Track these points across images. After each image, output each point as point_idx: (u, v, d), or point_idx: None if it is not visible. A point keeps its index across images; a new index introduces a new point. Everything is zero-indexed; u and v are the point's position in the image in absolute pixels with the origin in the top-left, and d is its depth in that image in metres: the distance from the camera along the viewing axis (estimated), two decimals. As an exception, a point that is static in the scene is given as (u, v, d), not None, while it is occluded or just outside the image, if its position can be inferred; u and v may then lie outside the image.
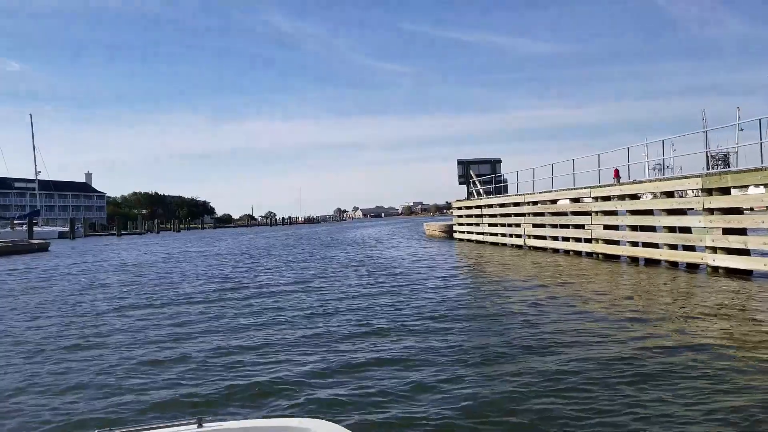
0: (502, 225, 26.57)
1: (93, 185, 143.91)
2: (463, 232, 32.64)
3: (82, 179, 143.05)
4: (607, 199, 17.91)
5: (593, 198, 18.29)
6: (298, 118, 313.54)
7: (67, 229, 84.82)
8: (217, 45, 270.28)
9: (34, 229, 77.43)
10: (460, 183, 33.69)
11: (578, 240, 19.61)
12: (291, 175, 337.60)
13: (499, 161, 33.39)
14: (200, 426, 2.73)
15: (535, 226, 23.01)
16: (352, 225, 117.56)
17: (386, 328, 8.57)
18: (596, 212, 18.15)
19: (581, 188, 19.43)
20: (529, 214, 23.42)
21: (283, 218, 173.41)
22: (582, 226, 19.05)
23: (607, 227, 17.70)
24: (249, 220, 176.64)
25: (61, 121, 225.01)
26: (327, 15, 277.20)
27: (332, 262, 21.45)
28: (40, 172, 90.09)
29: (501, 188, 31.11)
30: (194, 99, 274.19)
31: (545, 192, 22.19)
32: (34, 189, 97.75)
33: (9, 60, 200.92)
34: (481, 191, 31.22)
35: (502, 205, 26.74)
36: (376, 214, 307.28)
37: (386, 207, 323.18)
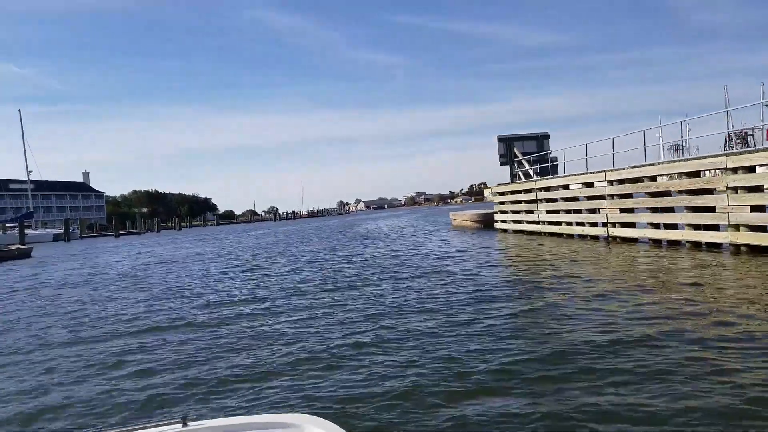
0: (567, 211, 21.73)
1: (91, 185, 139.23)
2: (506, 221, 27.79)
3: (80, 179, 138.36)
4: (751, 170, 13.08)
5: (731, 170, 13.42)
6: (296, 112, 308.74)
7: (62, 230, 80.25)
8: (212, 43, 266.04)
9: (28, 232, 72.86)
10: (502, 163, 28.78)
11: (697, 228, 14.80)
12: (291, 170, 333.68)
13: (547, 137, 28.47)
14: (185, 425, 2.65)
15: (622, 210, 18.17)
16: (359, 217, 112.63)
17: None
18: (735, 189, 13.30)
19: (707, 157, 14.59)
20: (612, 195, 18.57)
21: (287, 213, 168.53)
22: (710, 209, 14.21)
23: (755, 209, 12.87)
24: (252, 216, 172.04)
25: (59, 121, 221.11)
26: (320, 9, 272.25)
27: (371, 263, 16.71)
28: (31, 171, 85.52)
29: (550, 168, 26.37)
30: (192, 97, 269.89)
31: (641, 166, 17.31)
32: (29, 190, 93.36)
33: (4, 62, 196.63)
34: (531, 172, 26.36)
35: (566, 187, 21.89)
36: (379, 205, 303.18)
37: (389, 198, 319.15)
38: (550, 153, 26.29)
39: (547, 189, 23.37)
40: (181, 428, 2.65)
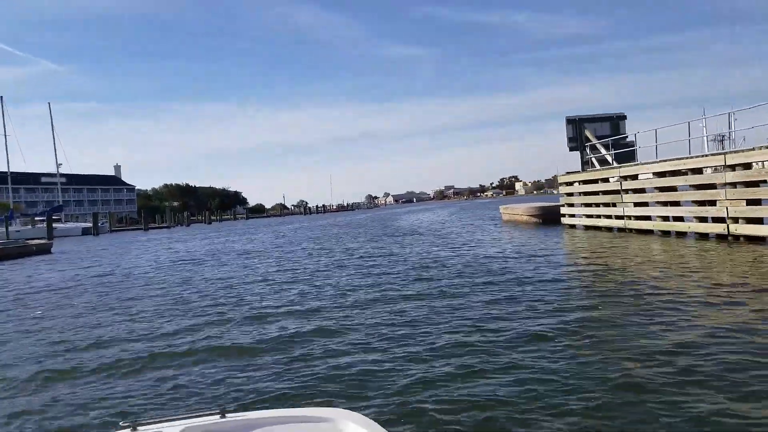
0: (664, 204, 18.03)
1: (123, 178, 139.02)
2: (576, 215, 24.12)
3: (112, 173, 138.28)
4: None
5: None
6: (322, 107, 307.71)
7: (91, 224, 79.01)
8: (239, 41, 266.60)
9: (57, 225, 71.68)
10: (571, 149, 24.98)
11: None
12: (319, 164, 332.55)
13: (622, 117, 24.59)
14: (223, 416, 2.70)
15: (749, 203, 14.45)
16: (392, 211, 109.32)
17: None
18: None
19: None
20: (734, 184, 14.85)
21: (317, 206, 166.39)
22: None
23: None
24: (282, 210, 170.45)
25: (94, 119, 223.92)
26: (346, 4, 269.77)
27: (439, 268, 13.36)
28: (61, 164, 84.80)
29: (628, 154, 22.61)
30: (223, 94, 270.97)
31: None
32: (62, 183, 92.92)
33: (43, 60, 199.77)
34: (609, 159, 22.60)
35: (662, 174, 18.18)
36: (407, 199, 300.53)
37: (417, 192, 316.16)
38: (637, 134, 22.31)
39: (634, 177, 19.68)
40: (219, 419, 2.67)
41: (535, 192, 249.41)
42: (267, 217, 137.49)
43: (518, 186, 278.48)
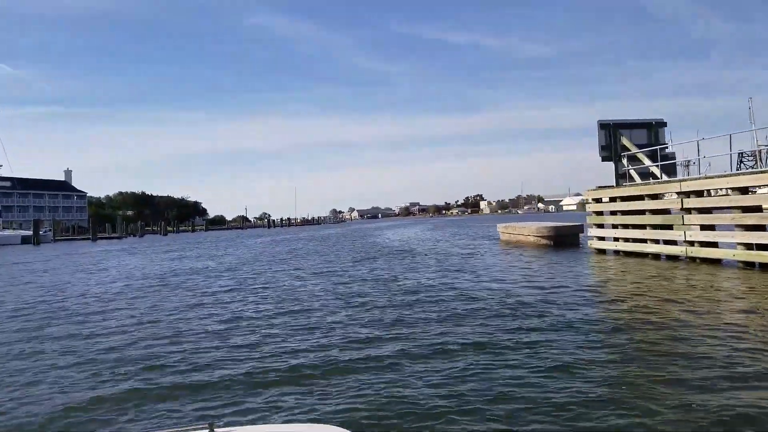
0: (747, 228, 14.25)
1: (78, 186, 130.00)
2: (610, 239, 20.05)
3: (62, 177, 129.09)
4: None
5: None
6: (291, 118, 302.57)
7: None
8: (210, 47, 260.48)
9: (-7, 233, 64.72)
10: (604, 158, 21.09)
11: None
12: (283, 176, 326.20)
13: (662, 124, 20.92)
14: (211, 431, 2.59)
15: None
16: (361, 227, 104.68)
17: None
18: None
19: None
20: None
21: (281, 220, 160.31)
22: None
23: None
24: (243, 222, 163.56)
25: (52, 124, 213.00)
26: (321, 16, 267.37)
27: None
28: (1, 165, 77.27)
29: (669, 167, 19.09)
30: (187, 101, 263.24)
31: None
32: (4, 187, 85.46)
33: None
34: (657, 171, 18.81)
35: (744, 191, 14.45)
36: (373, 215, 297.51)
37: (382, 208, 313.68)
38: (664, 146, 18.91)
39: (699, 194, 15.92)
40: None
41: (499, 211, 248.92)
42: (228, 230, 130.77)
43: (483, 205, 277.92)
